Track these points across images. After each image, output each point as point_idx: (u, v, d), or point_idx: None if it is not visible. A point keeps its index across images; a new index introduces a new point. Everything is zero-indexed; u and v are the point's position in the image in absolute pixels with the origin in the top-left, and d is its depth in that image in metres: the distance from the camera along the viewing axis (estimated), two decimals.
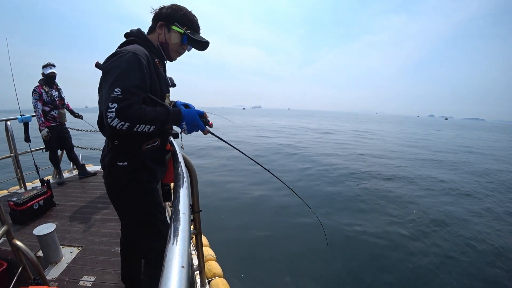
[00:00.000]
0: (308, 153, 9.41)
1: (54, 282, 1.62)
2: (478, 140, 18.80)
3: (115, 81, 0.86)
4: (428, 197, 5.06)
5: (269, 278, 2.65)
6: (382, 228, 3.69)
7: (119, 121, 0.85)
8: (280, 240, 3.38)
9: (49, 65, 3.18)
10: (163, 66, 1.17)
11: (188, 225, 0.64)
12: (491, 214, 4.37)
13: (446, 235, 3.59)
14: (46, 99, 3.14)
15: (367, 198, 4.86)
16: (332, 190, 5.27)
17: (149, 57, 0.99)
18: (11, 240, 1.23)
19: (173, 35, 1.08)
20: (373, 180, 6.07)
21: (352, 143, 13.04)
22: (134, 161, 1.04)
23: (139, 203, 1.09)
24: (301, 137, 15.38)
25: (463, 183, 6.17)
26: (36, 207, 2.41)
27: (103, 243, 2.04)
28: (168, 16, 1.07)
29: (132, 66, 0.90)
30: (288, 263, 2.92)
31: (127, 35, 1.09)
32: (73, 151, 3.67)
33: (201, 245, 1.71)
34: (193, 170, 1.44)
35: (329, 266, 2.87)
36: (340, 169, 7.00)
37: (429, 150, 11.94)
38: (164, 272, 0.44)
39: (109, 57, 0.97)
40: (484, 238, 3.53)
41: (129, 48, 0.95)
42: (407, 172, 6.95)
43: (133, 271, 1.42)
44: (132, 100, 0.86)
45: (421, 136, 19.62)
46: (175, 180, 0.95)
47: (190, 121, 1.04)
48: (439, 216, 4.15)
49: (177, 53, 1.15)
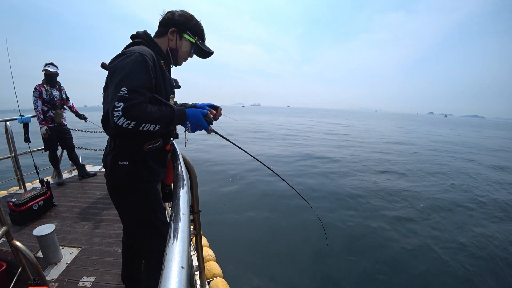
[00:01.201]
0: (312, 151, 9.41)
1: (53, 283, 1.62)
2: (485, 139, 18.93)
3: (122, 80, 0.87)
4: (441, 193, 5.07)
5: (269, 278, 2.65)
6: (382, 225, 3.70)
7: (125, 120, 0.86)
8: (280, 240, 3.38)
9: (51, 64, 3.21)
10: (169, 68, 1.19)
11: (188, 225, 0.64)
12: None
13: (454, 229, 3.62)
14: (46, 98, 3.16)
15: (368, 195, 4.87)
16: (336, 189, 5.28)
17: (155, 58, 1.01)
18: (11, 240, 1.22)
19: (184, 43, 1.13)
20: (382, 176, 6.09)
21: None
22: (136, 160, 1.05)
23: (139, 202, 1.10)
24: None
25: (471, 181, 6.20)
26: (36, 207, 2.41)
27: (103, 244, 2.04)
28: (182, 24, 1.10)
29: (138, 66, 0.92)
30: (288, 263, 2.92)
31: (134, 36, 1.10)
32: (73, 151, 3.67)
33: (201, 246, 1.71)
34: (193, 171, 1.44)
35: (329, 266, 2.87)
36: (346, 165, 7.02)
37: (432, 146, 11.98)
38: (163, 273, 0.44)
39: (115, 57, 0.98)
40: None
41: (135, 49, 0.97)
42: (399, 167, 6.97)
43: (134, 271, 1.43)
44: (138, 100, 0.87)
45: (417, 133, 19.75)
46: (175, 180, 0.95)
47: (194, 120, 1.06)
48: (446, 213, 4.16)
49: (184, 60, 1.21)
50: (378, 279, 2.70)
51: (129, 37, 1.12)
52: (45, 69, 3.17)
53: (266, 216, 4.04)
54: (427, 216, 4.16)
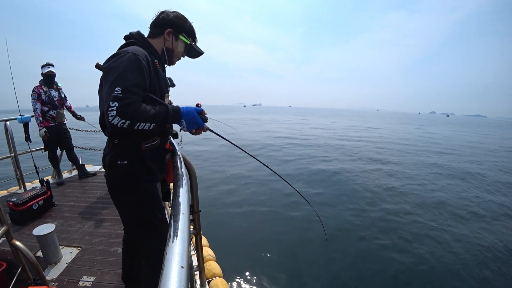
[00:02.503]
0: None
1: (53, 282, 1.62)
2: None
3: (116, 80, 0.88)
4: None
5: (269, 278, 2.65)
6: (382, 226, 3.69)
7: (120, 119, 0.86)
8: (280, 240, 3.38)
9: (47, 65, 3.18)
10: (163, 67, 1.20)
11: (188, 225, 0.64)
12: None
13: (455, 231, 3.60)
14: (45, 99, 3.15)
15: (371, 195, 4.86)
16: (337, 188, 5.28)
17: (148, 58, 1.02)
18: (11, 240, 1.23)
19: (180, 44, 1.18)
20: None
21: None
22: (134, 159, 1.06)
23: (139, 201, 1.11)
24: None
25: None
26: (36, 207, 2.41)
27: (103, 244, 2.04)
28: (178, 26, 1.15)
29: (132, 66, 0.92)
30: (288, 262, 2.92)
31: (127, 37, 1.11)
32: (73, 151, 3.67)
33: (201, 245, 1.71)
34: (193, 170, 1.44)
35: (329, 265, 2.87)
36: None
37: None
38: (163, 272, 0.44)
39: (109, 58, 0.99)
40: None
41: (128, 49, 0.98)
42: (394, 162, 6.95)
43: (133, 270, 1.43)
44: (132, 99, 0.88)
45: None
46: (174, 180, 0.95)
47: (189, 118, 1.06)
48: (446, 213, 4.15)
49: (178, 59, 1.26)
50: (381, 279, 2.70)
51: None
52: (48, 70, 3.14)
53: (266, 216, 4.04)
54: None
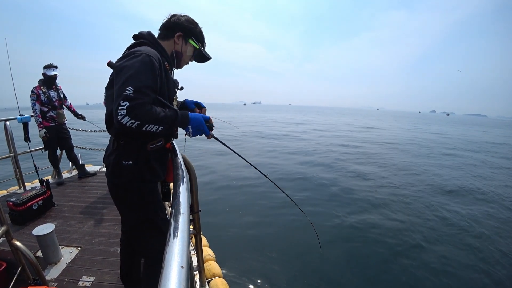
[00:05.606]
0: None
1: (53, 282, 1.62)
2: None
3: (128, 80, 0.88)
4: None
5: (268, 278, 2.65)
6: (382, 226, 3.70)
7: (130, 119, 0.86)
8: (280, 240, 3.38)
9: (51, 67, 3.16)
10: (172, 70, 1.20)
11: (188, 225, 0.64)
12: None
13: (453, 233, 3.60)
14: (44, 100, 3.14)
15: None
16: (335, 189, 5.28)
17: (160, 60, 1.01)
18: (10, 240, 1.22)
19: (189, 48, 1.19)
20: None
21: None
22: (139, 160, 1.06)
23: (141, 201, 1.11)
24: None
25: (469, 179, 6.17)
26: (35, 207, 2.41)
27: (103, 243, 2.04)
28: (188, 30, 1.15)
29: (145, 67, 0.92)
30: (288, 262, 2.92)
31: (136, 37, 1.10)
32: (73, 151, 3.66)
33: (201, 245, 1.71)
34: (193, 170, 1.44)
35: (329, 265, 2.87)
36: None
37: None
38: (163, 272, 0.44)
39: (122, 57, 0.99)
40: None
41: (142, 50, 0.97)
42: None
43: (132, 270, 1.42)
44: (143, 100, 0.88)
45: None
46: (174, 180, 0.95)
47: (196, 124, 1.07)
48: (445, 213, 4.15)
49: (185, 63, 1.27)
50: (379, 280, 2.70)
51: (131, 36, 1.12)
52: (54, 73, 3.14)
53: (266, 217, 4.04)
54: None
